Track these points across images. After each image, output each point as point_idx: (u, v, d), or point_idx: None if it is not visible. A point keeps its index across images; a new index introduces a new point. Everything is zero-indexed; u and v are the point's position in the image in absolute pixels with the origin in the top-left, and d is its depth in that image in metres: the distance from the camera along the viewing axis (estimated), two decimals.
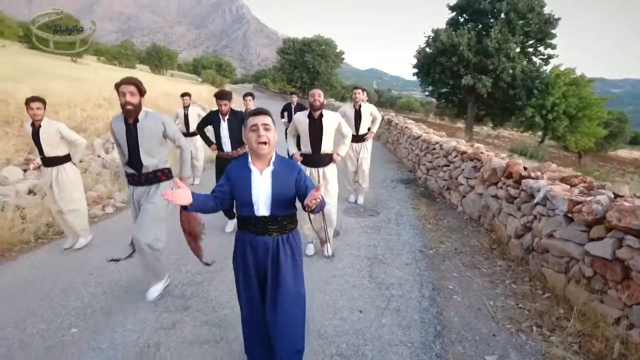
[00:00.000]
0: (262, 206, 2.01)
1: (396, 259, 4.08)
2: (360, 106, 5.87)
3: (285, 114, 7.75)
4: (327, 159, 4.02)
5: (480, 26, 23.17)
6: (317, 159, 3.97)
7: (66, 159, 4.20)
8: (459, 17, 24.59)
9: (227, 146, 4.56)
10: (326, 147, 3.95)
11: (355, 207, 5.92)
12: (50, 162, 4.09)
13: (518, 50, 22.37)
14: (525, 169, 4.52)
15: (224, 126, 4.50)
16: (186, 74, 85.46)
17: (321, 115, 3.86)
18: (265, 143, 1.95)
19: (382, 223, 5.21)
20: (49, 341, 2.68)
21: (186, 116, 7.09)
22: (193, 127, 7.00)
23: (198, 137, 6.68)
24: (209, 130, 4.74)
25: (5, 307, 3.13)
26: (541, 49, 24.37)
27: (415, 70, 25.37)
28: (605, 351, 2.63)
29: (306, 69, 46.88)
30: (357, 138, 5.95)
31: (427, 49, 23.80)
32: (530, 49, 24.18)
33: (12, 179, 5.72)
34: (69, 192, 4.19)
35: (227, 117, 4.48)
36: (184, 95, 7.16)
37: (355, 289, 3.44)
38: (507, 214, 4.48)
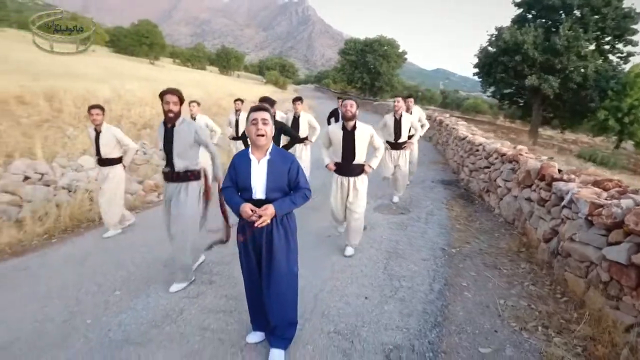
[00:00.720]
0: (259, 190, 2.32)
1: (415, 255, 4.20)
2: (401, 115, 5.94)
3: (332, 119, 7.55)
4: (359, 170, 4.11)
5: (549, 23, 21.67)
6: (349, 168, 4.10)
7: (118, 161, 4.80)
8: (526, 14, 23.22)
9: None
10: (359, 158, 4.06)
11: (388, 204, 6.05)
12: (105, 162, 4.69)
13: (592, 48, 20.55)
14: (559, 171, 4.39)
15: None
16: (252, 74, 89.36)
17: (354, 127, 3.95)
18: (262, 135, 2.27)
19: (410, 221, 5.32)
20: (97, 299, 3.23)
21: (237, 121, 7.43)
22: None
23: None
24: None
25: (69, 271, 3.77)
26: (619, 46, 22.18)
27: (476, 70, 24.38)
28: (610, 356, 2.60)
29: (367, 69, 46.83)
30: (396, 146, 6.05)
31: (490, 48, 22.76)
32: (607, 47, 22.09)
33: (86, 166, 6.63)
34: (112, 192, 4.71)
35: None
36: (236, 100, 7.67)
37: (367, 278, 3.64)
38: (538, 217, 4.39)
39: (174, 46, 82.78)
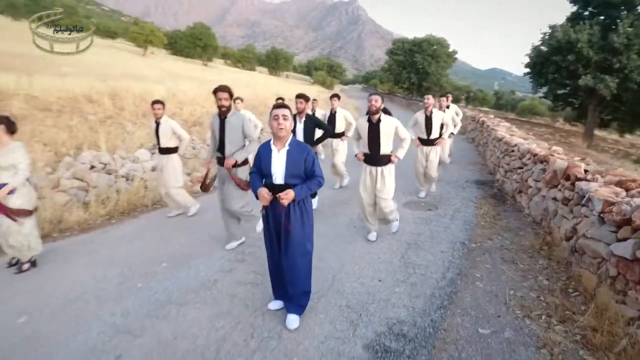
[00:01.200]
0: (278, 176, 2.72)
1: (434, 247, 4.43)
2: (431, 112, 6.17)
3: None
4: (386, 160, 4.42)
5: (606, 20, 20.29)
6: (376, 159, 4.45)
7: (175, 150, 5.43)
8: (582, 11, 21.90)
9: None
10: (384, 149, 4.37)
11: (418, 200, 6.26)
12: (163, 151, 5.35)
13: None
14: (586, 171, 4.43)
15: (300, 127, 5.28)
16: (300, 75, 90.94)
17: (379, 120, 4.29)
18: (282, 129, 2.66)
19: (435, 217, 5.52)
20: (147, 268, 3.80)
21: None
22: None
23: None
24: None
25: (125, 246, 4.40)
26: None
27: (527, 70, 23.35)
28: (606, 344, 2.73)
29: (415, 69, 46.25)
30: (427, 142, 6.28)
31: (542, 47, 21.73)
32: None
33: (142, 158, 7.42)
34: (170, 177, 5.34)
35: (303, 118, 5.23)
36: (278, 99, 8.24)
37: (384, 264, 3.94)
38: (561, 216, 4.45)
39: (225, 48, 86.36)
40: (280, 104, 2.75)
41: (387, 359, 2.54)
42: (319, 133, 5.39)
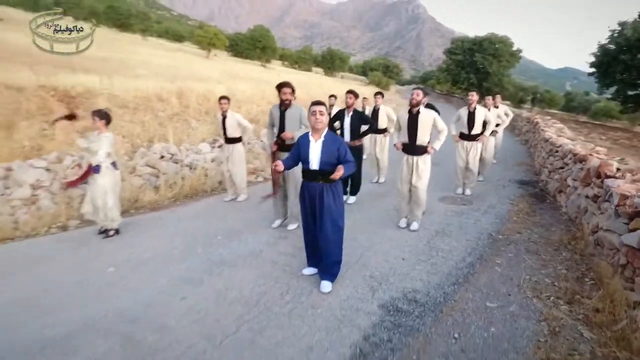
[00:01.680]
0: (314, 163, 3.28)
1: (461, 236, 4.77)
2: (474, 108, 6.44)
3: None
4: (422, 150, 4.84)
5: None
6: (413, 148, 4.89)
7: (239, 140, 6.18)
8: None
9: (347, 137, 5.85)
10: (421, 139, 4.79)
11: (454, 196, 6.55)
12: (230, 141, 6.12)
13: None
14: (618, 169, 4.54)
15: (347, 121, 5.83)
16: (356, 75, 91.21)
17: (418, 112, 4.75)
18: (320, 122, 3.22)
19: (469, 211, 5.80)
20: (205, 240, 4.54)
21: (329, 114, 8.71)
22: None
23: None
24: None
25: (189, 222, 5.21)
26: None
27: (592, 69, 21.97)
28: (606, 323, 3.00)
29: (475, 69, 44.89)
30: (469, 137, 6.55)
31: (610, 45, 20.37)
32: None
33: (204, 151, 8.36)
34: (236, 163, 6.13)
35: (350, 113, 5.78)
36: (331, 96, 8.94)
37: (409, 247, 4.37)
38: (591, 212, 4.60)
39: (283, 49, 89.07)
40: (316, 102, 3.31)
41: (397, 316, 3.02)
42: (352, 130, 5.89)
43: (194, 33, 57.77)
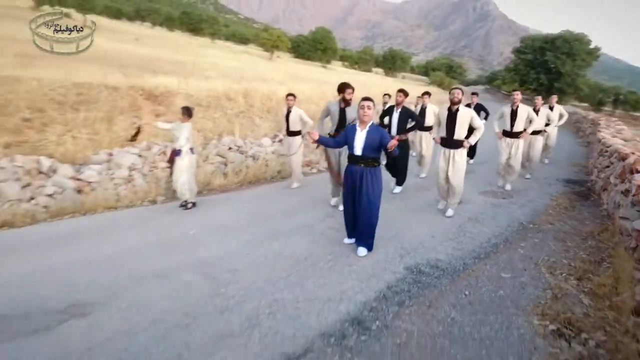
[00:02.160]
0: (358, 149, 4.00)
1: (491, 223, 5.25)
2: (517, 107, 6.80)
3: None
4: (458, 144, 5.43)
5: None
6: (450, 142, 5.48)
7: (299, 133, 7.04)
8: None
9: (394, 131, 6.51)
10: (458, 134, 5.37)
11: (495, 191, 6.92)
12: (291, 134, 7.00)
13: None
14: None
15: (395, 116, 6.50)
16: (418, 76, 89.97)
17: (457, 110, 5.34)
18: (366, 115, 3.94)
19: (506, 203, 6.19)
20: (266, 216, 5.44)
21: (384, 110, 9.33)
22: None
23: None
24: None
25: (251, 203, 6.17)
26: None
27: None
28: (607, 294, 3.42)
29: (545, 69, 42.64)
30: (511, 134, 6.91)
31: None
32: None
33: (265, 144, 9.40)
34: (295, 153, 7.02)
35: (399, 109, 6.44)
36: (385, 95, 9.59)
37: (441, 229, 4.96)
38: (623, 206, 4.85)
39: (344, 50, 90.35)
40: (365, 98, 4.04)
41: (419, 276, 3.67)
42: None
43: (259, 36, 60.53)
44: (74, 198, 5.86)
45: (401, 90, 6.50)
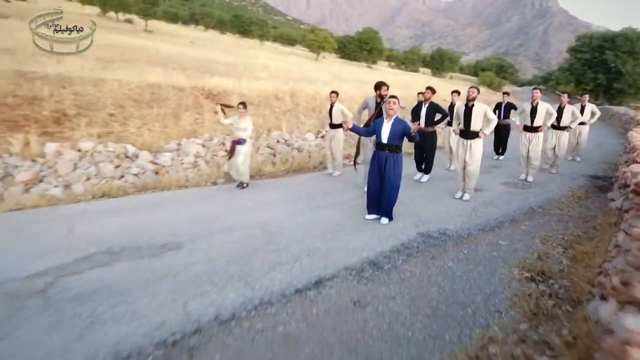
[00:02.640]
0: (384, 137, 5.00)
1: (503, 206, 6.03)
2: (537, 104, 7.48)
3: (497, 111, 9.67)
4: (474, 134, 6.27)
5: None
6: (467, 133, 6.32)
7: (340, 125, 8.09)
8: None
9: (422, 124, 7.41)
10: (474, 126, 6.23)
11: (515, 182, 7.60)
12: (333, 126, 8.07)
13: None
14: None
15: (423, 110, 7.41)
16: (467, 76, 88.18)
17: (472, 105, 6.20)
18: (392, 109, 4.93)
19: (522, 191, 6.91)
20: (308, 196, 6.54)
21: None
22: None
23: None
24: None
25: (294, 187, 7.31)
26: None
27: None
28: (586, 259, 4.19)
29: (604, 69, 40.90)
30: (531, 129, 7.59)
31: None
32: None
33: (309, 139, 10.56)
34: (337, 143, 8.06)
35: (427, 105, 7.36)
36: (419, 93, 10.35)
37: (456, 209, 5.83)
38: (613, 190, 5.48)
39: (392, 49, 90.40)
40: (391, 95, 5.04)
41: (428, 238, 4.63)
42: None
43: (306, 37, 62.26)
44: (154, 178, 7.28)
45: (429, 88, 7.40)
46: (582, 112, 9.44)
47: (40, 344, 2.66)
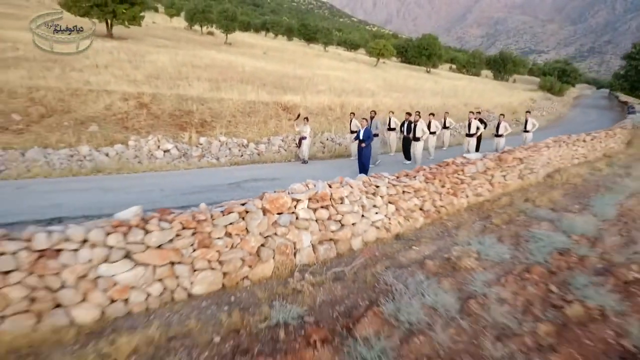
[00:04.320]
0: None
1: None
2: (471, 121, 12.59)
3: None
4: (417, 139, 11.63)
5: None
6: (414, 137, 11.69)
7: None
8: None
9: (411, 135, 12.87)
10: (417, 134, 11.59)
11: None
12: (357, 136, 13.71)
13: None
14: None
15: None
16: (533, 77, 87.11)
17: (416, 122, 11.55)
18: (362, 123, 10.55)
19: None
20: (340, 168, 12.27)
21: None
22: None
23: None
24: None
25: (333, 164, 13.07)
26: None
27: None
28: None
29: None
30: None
31: None
32: None
33: (348, 139, 16.31)
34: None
35: (407, 122, 12.80)
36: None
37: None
38: None
39: (458, 50, 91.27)
40: (407, 112, 10.66)
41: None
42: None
43: (367, 43, 67.05)
44: (257, 157, 13.45)
45: (408, 113, 12.86)
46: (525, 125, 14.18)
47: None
